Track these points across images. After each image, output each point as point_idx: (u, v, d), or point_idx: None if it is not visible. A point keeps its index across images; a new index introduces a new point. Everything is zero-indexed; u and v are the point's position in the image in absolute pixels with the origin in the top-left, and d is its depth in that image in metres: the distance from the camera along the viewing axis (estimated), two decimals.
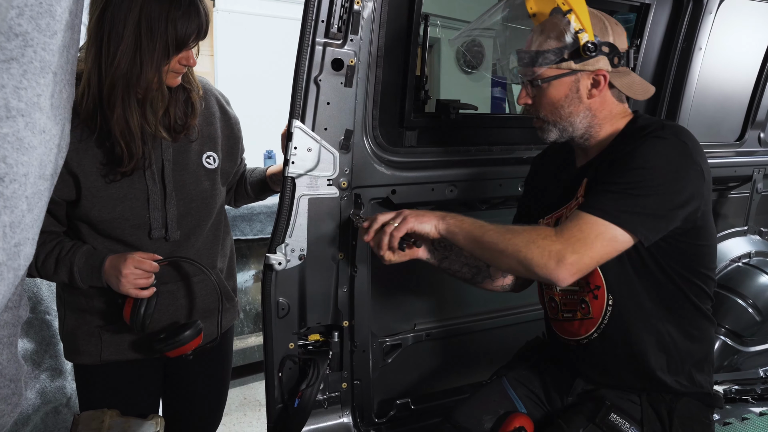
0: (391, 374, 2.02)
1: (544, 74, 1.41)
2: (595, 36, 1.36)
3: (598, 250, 1.27)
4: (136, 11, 1.30)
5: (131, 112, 1.37)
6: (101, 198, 1.43)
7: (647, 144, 1.31)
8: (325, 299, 1.73)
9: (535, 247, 1.27)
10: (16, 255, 0.90)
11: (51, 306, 2.29)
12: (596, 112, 1.45)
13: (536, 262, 1.27)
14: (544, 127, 1.49)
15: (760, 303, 2.56)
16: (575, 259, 1.25)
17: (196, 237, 1.60)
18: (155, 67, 1.35)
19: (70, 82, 1.08)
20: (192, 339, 1.53)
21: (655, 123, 1.40)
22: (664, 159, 1.29)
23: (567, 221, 1.31)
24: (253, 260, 3.53)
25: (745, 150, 2.67)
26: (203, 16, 1.39)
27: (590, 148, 1.51)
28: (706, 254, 1.45)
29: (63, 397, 2.27)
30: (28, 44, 0.88)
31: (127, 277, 1.42)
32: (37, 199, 0.96)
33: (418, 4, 1.69)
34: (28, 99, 0.90)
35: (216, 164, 1.60)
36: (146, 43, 1.32)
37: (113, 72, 1.33)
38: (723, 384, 2.32)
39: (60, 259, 1.45)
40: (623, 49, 1.42)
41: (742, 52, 2.47)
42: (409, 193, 1.82)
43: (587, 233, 1.27)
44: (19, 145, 0.89)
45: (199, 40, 1.42)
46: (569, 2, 1.34)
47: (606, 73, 1.40)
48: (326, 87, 1.54)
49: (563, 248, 1.26)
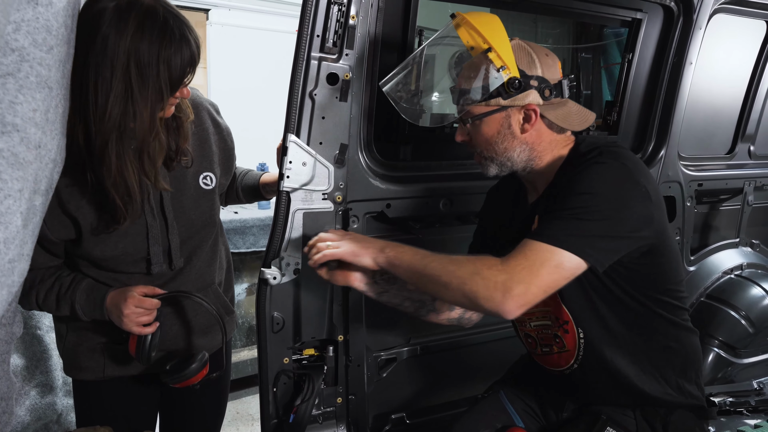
0: (386, 389, 2.01)
1: (474, 111, 1.40)
2: (520, 71, 1.35)
3: (545, 278, 1.21)
4: (123, 55, 1.17)
5: (127, 167, 1.27)
6: (102, 238, 1.39)
7: (588, 171, 1.29)
8: (320, 314, 1.73)
9: (479, 278, 1.21)
10: (11, 271, 0.89)
11: (42, 321, 2.27)
12: (533, 145, 1.42)
13: (481, 295, 1.20)
14: (483, 163, 1.48)
15: (752, 315, 2.57)
16: (522, 289, 1.18)
17: (198, 257, 1.58)
18: (150, 114, 1.24)
19: (66, 96, 1.08)
20: (198, 372, 1.53)
21: (595, 148, 1.37)
22: (606, 184, 1.27)
23: (513, 251, 1.26)
24: (246, 273, 3.52)
25: (736, 163, 2.71)
26: (194, 46, 1.28)
27: (536, 180, 1.49)
28: (669, 270, 1.44)
29: (53, 413, 2.25)
30: (24, 59, 0.88)
31: (129, 317, 1.40)
32: (32, 215, 0.95)
33: (412, 18, 1.70)
34: (24, 114, 0.89)
35: (213, 183, 1.57)
36: (138, 89, 1.20)
37: (104, 126, 1.20)
38: (717, 396, 2.32)
39: (61, 296, 1.43)
40: (554, 80, 1.40)
41: (731, 67, 2.52)
42: (404, 207, 1.82)
43: (533, 260, 1.21)
44: (14, 160, 0.89)
45: (193, 73, 1.32)
46: (488, 40, 1.33)
47: (536, 108, 1.38)
48: (321, 101, 1.54)
49: (509, 278, 1.19)
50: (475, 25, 1.34)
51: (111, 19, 1.17)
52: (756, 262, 2.84)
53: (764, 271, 2.82)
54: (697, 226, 2.74)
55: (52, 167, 1.03)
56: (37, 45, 0.91)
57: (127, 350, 1.52)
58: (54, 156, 1.03)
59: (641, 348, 1.45)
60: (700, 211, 2.71)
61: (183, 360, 1.53)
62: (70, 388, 2.18)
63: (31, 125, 0.91)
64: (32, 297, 1.43)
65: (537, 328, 1.55)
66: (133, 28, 1.18)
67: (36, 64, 0.91)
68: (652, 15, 2.13)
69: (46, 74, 0.95)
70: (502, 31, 1.35)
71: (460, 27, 1.38)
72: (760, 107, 2.64)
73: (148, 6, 1.21)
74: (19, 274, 0.94)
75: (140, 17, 1.19)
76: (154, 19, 1.20)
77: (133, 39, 1.18)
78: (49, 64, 0.95)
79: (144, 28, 1.19)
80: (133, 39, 1.18)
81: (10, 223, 0.88)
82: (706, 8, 2.15)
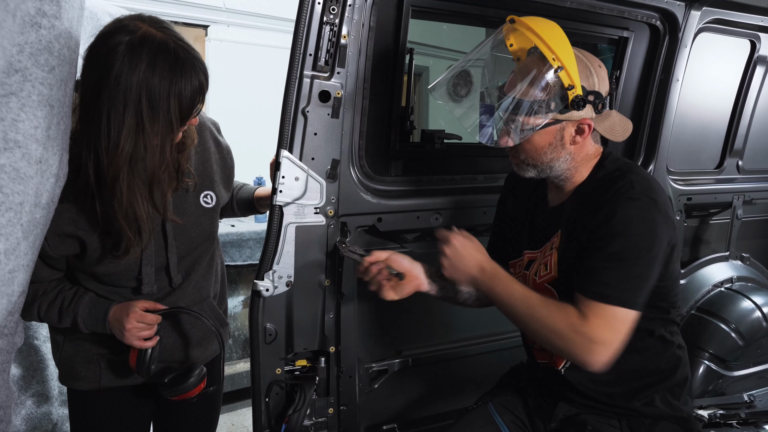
0: (377, 400, 2.03)
1: (529, 123, 1.38)
2: (582, 87, 1.36)
3: (623, 335, 1.33)
4: (135, 91, 1.19)
5: (137, 199, 1.29)
6: (106, 255, 1.42)
7: (623, 208, 1.34)
8: (312, 325, 1.75)
9: (571, 343, 1.32)
10: (11, 281, 0.93)
11: (39, 331, 2.29)
12: (575, 155, 1.47)
13: (578, 358, 1.33)
14: (521, 166, 1.51)
15: (742, 327, 2.59)
16: (608, 353, 1.31)
17: (195, 272, 1.61)
18: (161, 146, 1.26)
19: (67, 114, 1.12)
20: (196, 386, 1.55)
21: (621, 175, 1.41)
22: (644, 223, 1.34)
23: (590, 315, 1.32)
24: (242, 286, 3.54)
25: (725, 177, 2.74)
26: (203, 77, 1.31)
27: (563, 184, 1.53)
28: (670, 287, 1.49)
29: (49, 423, 2.26)
30: (27, 79, 0.92)
31: (130, 331, 1.43)
32: (33, 227, 0.99)
33: (403, 37, 1.75)
34: (26, 131, 0.94)
35: (213, 202, 1.59)
36: (149, 123, 1.22)
37: (116, 159, 1.22)
38: (708, 408, 2.33)
39: (63, 309, 1.45)
40: (606, 93, 1.43)
41: (718, 83, 2.57)
42: (394, 221, 1.86)
43: (618, 327, 1.32)
44: (16, 175, 0.93)
45: (202, 102, 1.35)
46: (560, 58, 1.33)
47: (591, 122, 1.41)
48: (313, 118, 1.58)
49: (597, 345, 1.30)
50: (544, 38, 1.34)
51: (125, 56, 1.19)
52: (746, 275, 2.86)
53: (754, 284, 2.84)
54: (687, 239, 2.77)
55: (53, 182, 1.07)
56: (39, 65, 0.95)
57: (123, 361, 1.55)
58: (55, 171, 1.07)
59: (630, 366, 1.47)
60: (690, 225, 2.75)
61: (181, 373, 1.56)
62: (65, 398, 2.19)
63: (32, 141, 0.95)
64: (34, 309, 1.45)
65: None
66: (145, 64, 1.20)
67: (38, 84, 0.95)
68: (639, 33, 2.19)
69: (48, 93, 0.99)
70: (569, 46, 1.36)
71: (522, 35, 1.39)
72: (747, 122, 2.68)
73: (160, 41, 1.23)
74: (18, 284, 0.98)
75: (153, 53, 1.21)
76: (166, 54, 1.23)
77: (145, 74, 1.20)
78: (50, 84, 0.99)
79: (156, 64, 1.21)
80: (145, 74, 1.20)
81: (10, 235, 0.91)
82: (691, 27, 2.20)
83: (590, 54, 1.43)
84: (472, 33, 2.73)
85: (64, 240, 1.36)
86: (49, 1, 0.94)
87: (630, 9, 2.08)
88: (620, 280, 1.33)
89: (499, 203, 1.83)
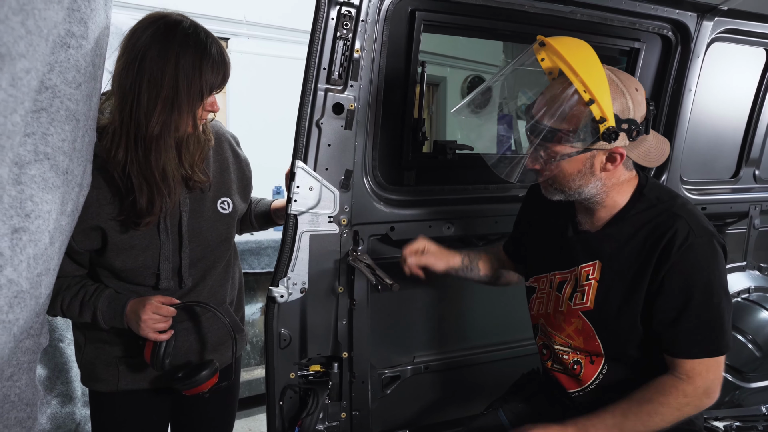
0: (389, 405, 2.05)
1: (558, 150, 1.34)
2: (615, 117, 1.29)
3: (720, 378, 1.40)
4: (173, 62, 1.37)
5: (168, 158, 1.44)
6: (125, 249, 1.50)
7: (693, 258, 1.34)
8: (326, 331, 1.78)
9: (690, 408, 1.39)
10: (38, 284, 0.99)
11: (65, 333, 2.36)
12: (606, 181, 1.42)
13: (697, 412, 1.41)
14: (549, 190, 1.47)
15: (760, 338, 2.56)
16: (715, 396, 1.39)
17: (211, 276, 1.67)
18: (191, 111, 1.43)
19: (92, 127, 1.19)
20: (208, 379, 1.60)
21: (670, 215, 1.38)
22: (714, 262, 1.36)
23: (693, 374, 1.37)
24: (260, 293, 3.59)
25: (741, 187, 2.72)
26: (227, 64, 1.50)
27: (595, 210, 1.49)
28: None
29: (72, 423, 2.33)
30: (56, 96, 0.98)
31: (146, 322, 1.49)
32: (59, 234, 1.05)
33: (415, 50, 1.79)
34: (54, 144, 1.00)
35: (230, 209, 1.67)
36: (183, 89, 1.39)
37: (154, 120, 1.38)
38: (724, 420, 2.31)
39: (84, 303, 1.52)
40: (643, 118, 1.35)
41: (732, 92, 2.55)
42: (407, 229, 1.89)
43: (719, 370, 1.39)
44: (44, 185, 0.99)
45: (224, 85, 1.52)
46: (590, 90, 1.26)
47: (623, 151, 1.35)
48: (327, 129, 1.63)
49: (714, 393, 1.38)
50: (573, 66, 1.28)
51: (157, 38, 1.39)
52: (763, 286, 2.82)
53: None
54: None
55: (78, 191, 1.13)
56: (67, 83, 1.01)
57: (140, 364, 1.61)
58: (80, 181, 1.14)
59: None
60: None
61: (194, 368, 1.61)
62: (87, 399, 2.26)
63: (60, 153, 1.01)
64: (57, 303, 1.52)
65: (558, 348, 1.59)
66: (177, 45, 1.39)
67: (66, 100, 1.02)
68: (650, 44, 2.20)
69: (75, 108, 1.05)
70: (601, 71, 1.30)
71: (551, 61, 1.33)
72: (764, 132, 2.66)
73: (185, 26, 1.43)
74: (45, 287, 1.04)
75: (182, 35, 1.40)
76: (196, 35, 1.43)
77: (179, 54, 1.39)
78: (77, 99, 1.06)
79: (188, 44, 1.40)
80: (179, 54, 1.39)
81: (39, 241, 0.97)
82: (704, 38, 2.20)
83: (626, 75, 1.36)
84: (490, 43, 2.74)
85: (88, 234, 1.46)
86: (78, 22, 1.00)
87: (641, 20, 2.10)
88: (713, 330, 1.36)
89: (521, 211, 1.82)
